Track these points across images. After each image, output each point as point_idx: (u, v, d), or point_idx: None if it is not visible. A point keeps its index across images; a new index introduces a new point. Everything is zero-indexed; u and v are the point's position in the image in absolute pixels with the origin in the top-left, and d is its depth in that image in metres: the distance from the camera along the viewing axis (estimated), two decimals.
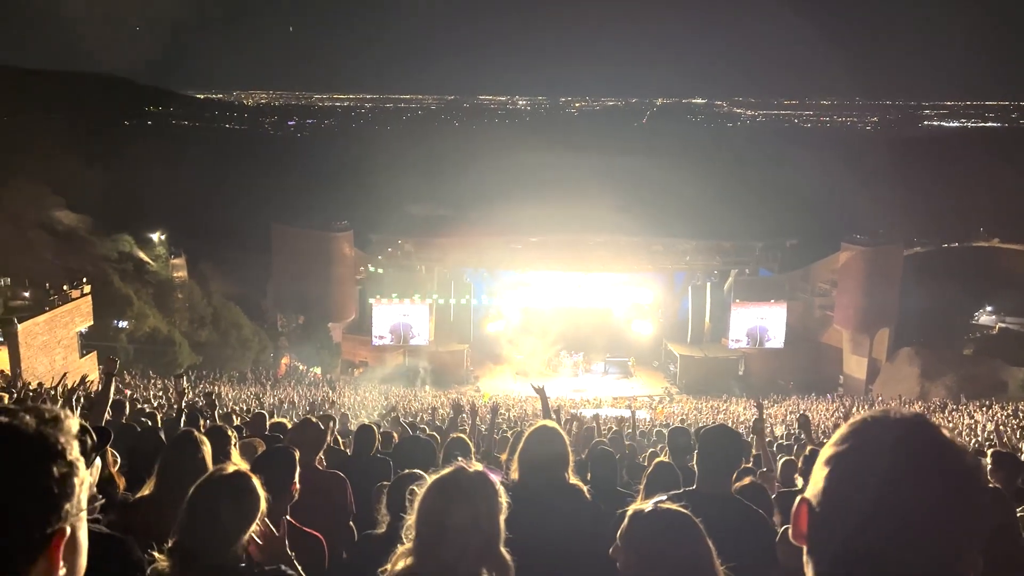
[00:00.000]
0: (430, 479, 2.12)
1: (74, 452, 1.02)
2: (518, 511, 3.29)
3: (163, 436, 5.45)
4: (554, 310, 45.37)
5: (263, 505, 2.47)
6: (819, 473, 1.10)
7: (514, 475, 3.56)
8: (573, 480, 3.56)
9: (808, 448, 5.75)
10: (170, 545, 2.27)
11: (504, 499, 2.14)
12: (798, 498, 1.12)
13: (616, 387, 41.62)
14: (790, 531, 1.13)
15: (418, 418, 19.24)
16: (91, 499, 1.11)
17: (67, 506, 0.99)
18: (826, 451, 1.11)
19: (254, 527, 2.43)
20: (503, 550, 2.13)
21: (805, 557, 1.12)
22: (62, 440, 1.01)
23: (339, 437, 8.05)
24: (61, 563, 0.98)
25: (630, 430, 13.18)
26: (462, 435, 6.00)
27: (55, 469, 0.98)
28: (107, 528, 2.69)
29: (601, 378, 43.24)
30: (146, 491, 3.38)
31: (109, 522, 2.92)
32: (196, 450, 3.42)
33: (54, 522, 0.97)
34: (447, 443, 5.68)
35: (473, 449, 5.49)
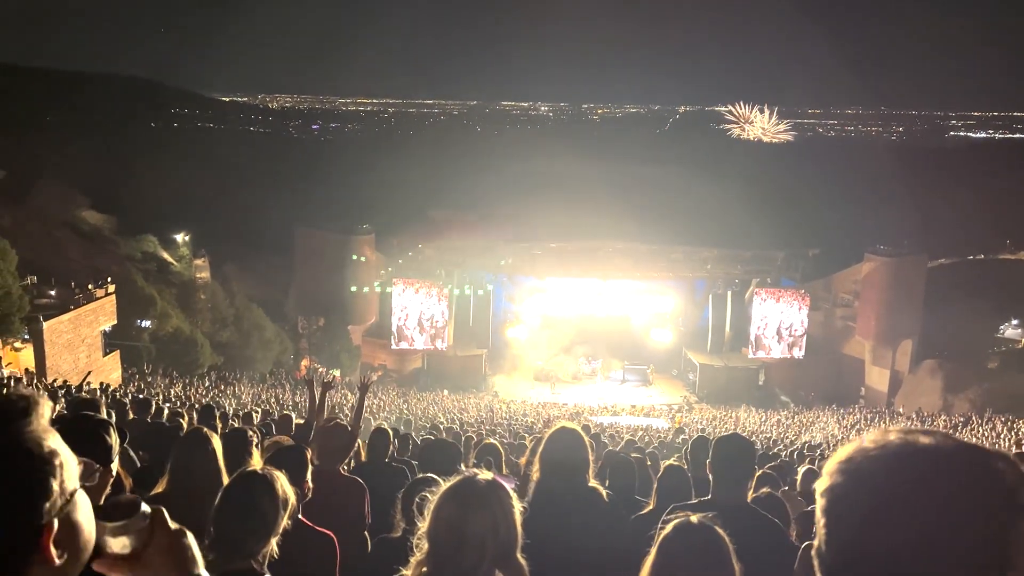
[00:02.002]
0: (443, 487, 2.13)
1: (47, 443, 0.98)
2: (537, 512, 3.29)
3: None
4: (573, 317, 45.30)
5: (293, 499, 2.58)
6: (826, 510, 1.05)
7: (535, 476, 3.56)
8: (593, 483, 3.55)
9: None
10: (209, 539, 2.37)
11: (519, 505, 2.14)
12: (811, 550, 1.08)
13: (635, 395, 41.46)
14: None
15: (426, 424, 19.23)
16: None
17: (46, 505, 0.96)
18: (825, 481, 1.06)
19: (285, 522, 2.54)
20: (520, 556, 2.13)
21: None
22: (28, 440, 0.96)
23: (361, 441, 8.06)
24: (55, 553, 0.96)
25: (648, 439, 13.13)
26: (494, 440, 5.99)
27: (23, 476, 0.95)
28: None
29: (620, 386, 43.09)
30: (159, 488, 3.42)
31: None
32: (206, 448, 3.45)
33: (36, 523, 0.95)
34: (480, 448, 5.66)
35: (504, 455, 5.47)
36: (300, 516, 3.20)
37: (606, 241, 44.90)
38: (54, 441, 1.00)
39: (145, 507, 1.13)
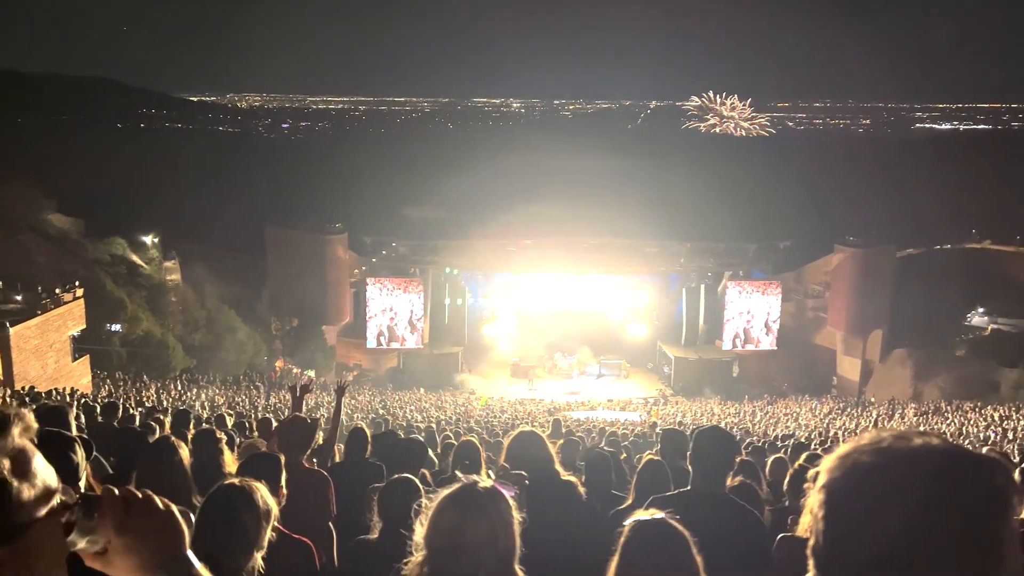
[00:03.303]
0: (442, 494, 2.10)
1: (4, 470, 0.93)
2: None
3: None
4: (549, 312, 45.40)
5: (275, 510, 2.54)
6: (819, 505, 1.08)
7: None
8: (566, 476, 3.56)
9: (796, 464, 5.71)
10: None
11: (518, 515, 2.12)
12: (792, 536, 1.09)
13: (611, 389, 41.65)
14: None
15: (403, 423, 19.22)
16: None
17: None
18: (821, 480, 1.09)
19: (269, 534, 2.49)
20: (518, 568, 2.11)
21: None
22: None
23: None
24: None
25: (624, 432, 13.18)
26: (472, 438, 5.97)
27: None
28: None
29: (596, 380, 43.28)
30: None
31: None
32: (173, 457, 3.38)
33: None
34: (456, 449, 5.63)
35: (483, 453, 5.44)
36: (277, 523, 3.17)
37: (581, 237, 45.00)
38: (20, 463, 0.95)
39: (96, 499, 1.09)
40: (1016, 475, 1.06)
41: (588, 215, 47.21)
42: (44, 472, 1.00)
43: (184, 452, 3.44)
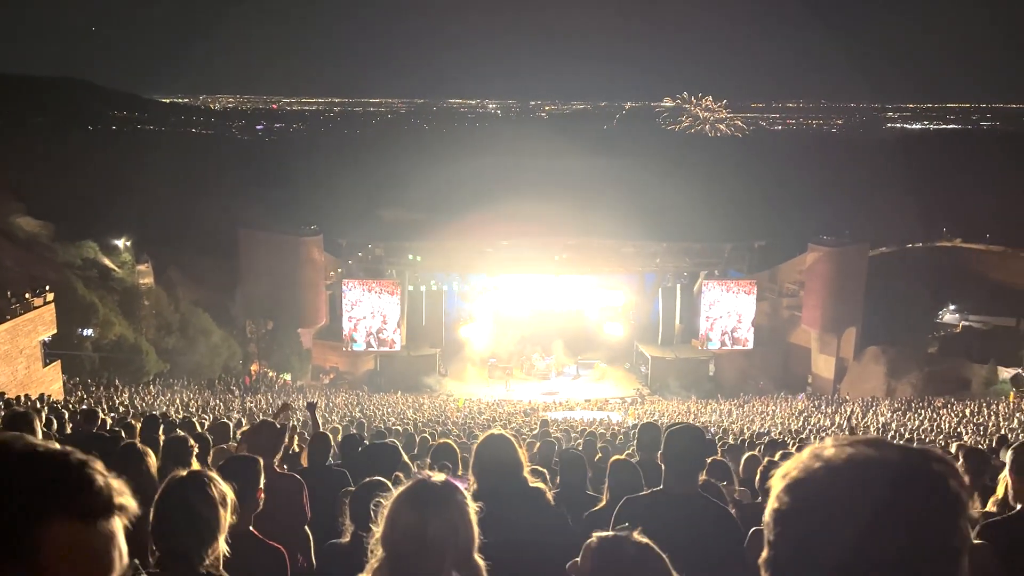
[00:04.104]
0: (397, 491, 2.08)
1: None
2: (483, 520, 3.26)
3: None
4: (526, 313, 45.42)
5: (231, 496, 2.51)
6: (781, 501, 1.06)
7: (473, 485, 3.54)
8: (533, 483, 3.54)
9: (766, 459, 5.73)
10: (155, 557, 2.31)
11: (474, 505, 2.12)
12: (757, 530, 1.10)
13: (589, 389, 41.75)
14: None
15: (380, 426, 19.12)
16: None
17: None
18: (785, 478, 1.07)
19: (230, 519, 2.47)
20: (477, 556, 2.13)
21: None
22: None
23: (303, 446, 7.94)
24: None
25: (603, 431, 13.20)
26: (449, 440, 5.94)
27: None
28: None
29: (573, 381, 43.35)
30: None
31: None
32: (140, 464, 3.32)
33: None
34: (432, 452, 5.60)
35: (459, 454, 5.43)
36: (251, 528, 3.13)
37: (557, 237, 45.08)
38: None
39: None
40: (965, 474, 1.05)
41: (565, 215, 47.33)
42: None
43: (151, 458, 3.38)
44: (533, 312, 45.43)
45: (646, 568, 1.96)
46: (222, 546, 2.42)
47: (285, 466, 5.09)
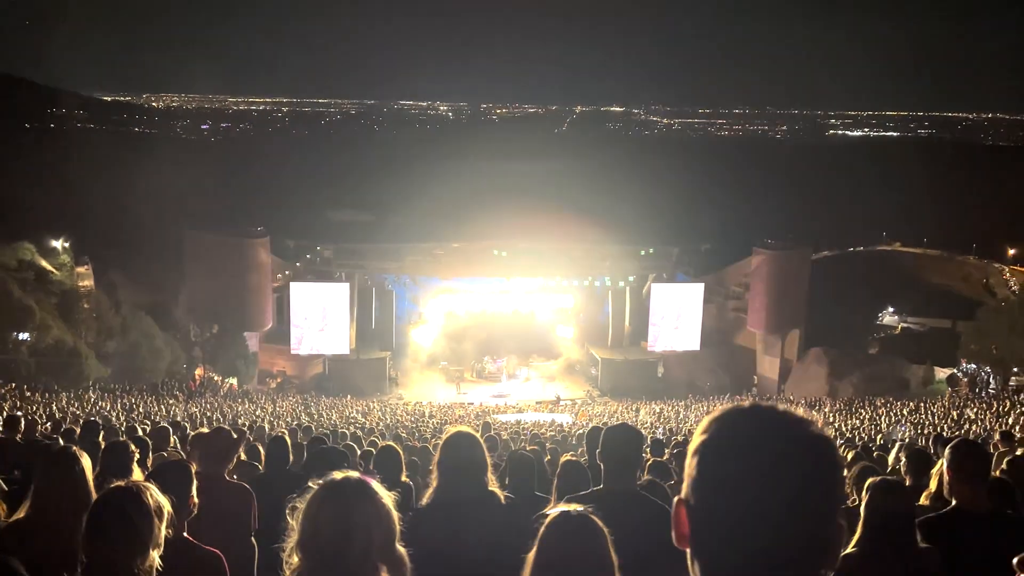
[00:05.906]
0: (313, 491, 2.08)
1: None
2: (434, 521, 3.26)
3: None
4: (478, 316, 45.41)
5: (168, 507, 2.48)
6: (689, 467, 1.12)
7: (434, 483, 3.52)
8: (492, 487, 3.55)
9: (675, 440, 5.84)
10: (83, 565, 2.28)
11: (389, 496, 2.13)
12: (675, 499, 1.14)
13: (539, 391, 41.88)
14: (673, 535, 1.14)
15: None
16: None
17: None
18: (692, 443, 1.14)
19: (164, 531, 2.44)
20: (399, 546, 2.16)
21: (690, 561, 1.14)
22: None
23: (260, 449, 7.81)
24: None
25: (551, 433, 13.26)
26: (392, 444, 5.90)
27: None
28: None
29: (524, 383, 43.45)
30: (20, 514, 3.13)
31: None
32: (72, 469, 3.19)
33: None
34: (376, 456, 5.55)
35: (403, 457, 5.39)
36: (185, 534, 3.06)
37: (508, 240, 45.17)
38: None
39: None
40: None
41: (515, 219, 47.46)
42: None
43: (86, 461, 3.28)
44: (485, 314, 45.45)
45: (587, 530, 2.06)
46: (155, 559, 2.39)
47: (236, 475, 5.01)
